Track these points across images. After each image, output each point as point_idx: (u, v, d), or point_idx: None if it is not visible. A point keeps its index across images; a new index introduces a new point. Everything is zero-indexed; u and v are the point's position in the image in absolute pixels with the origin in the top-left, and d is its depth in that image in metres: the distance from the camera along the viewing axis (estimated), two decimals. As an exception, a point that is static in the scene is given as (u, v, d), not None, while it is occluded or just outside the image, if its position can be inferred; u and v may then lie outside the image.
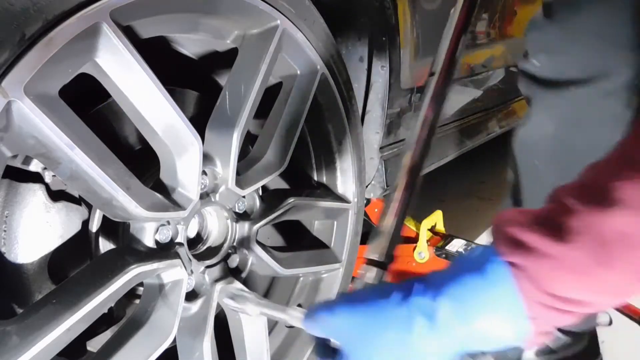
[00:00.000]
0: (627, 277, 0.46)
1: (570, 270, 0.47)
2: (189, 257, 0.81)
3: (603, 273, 0.46)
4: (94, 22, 0.60)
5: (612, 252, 0.45)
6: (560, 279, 0.48)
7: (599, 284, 0.47)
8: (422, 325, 0.53)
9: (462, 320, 0.52)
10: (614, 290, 0.48)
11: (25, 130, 0.57)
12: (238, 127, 0.83)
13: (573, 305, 0.48)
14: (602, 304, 0.51)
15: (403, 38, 1.22)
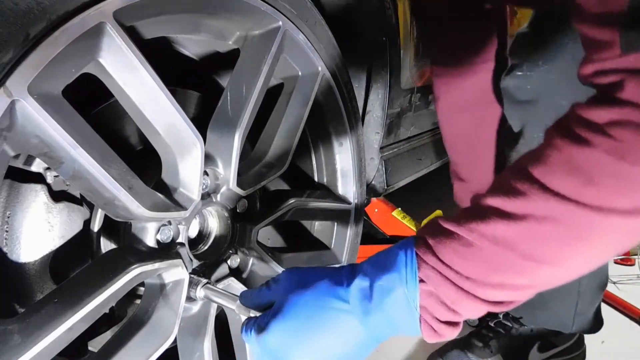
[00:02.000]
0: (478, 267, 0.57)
1: (453, 248, 0.58)
2: (190, 257, 0.81)
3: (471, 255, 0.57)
4: (98, 23, 0.60)
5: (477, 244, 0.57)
6: (447, 248, 0.58)
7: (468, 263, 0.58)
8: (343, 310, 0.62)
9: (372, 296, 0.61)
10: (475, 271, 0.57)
11: (28, 130, 0.57)
12: (239, 127, 0.83)
13: (452, 274, 0.58)
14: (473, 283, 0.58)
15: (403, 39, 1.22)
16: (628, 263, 2.07)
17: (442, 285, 0.59)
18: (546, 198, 0.53)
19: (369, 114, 1.26)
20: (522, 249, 0.55)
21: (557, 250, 0.55)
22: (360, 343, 0.64)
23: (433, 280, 0.59)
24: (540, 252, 0.55)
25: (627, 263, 2.07)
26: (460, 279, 0.58)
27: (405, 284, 0.60)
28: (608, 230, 0.53)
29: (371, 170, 1.29)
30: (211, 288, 0.80)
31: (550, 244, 0.54)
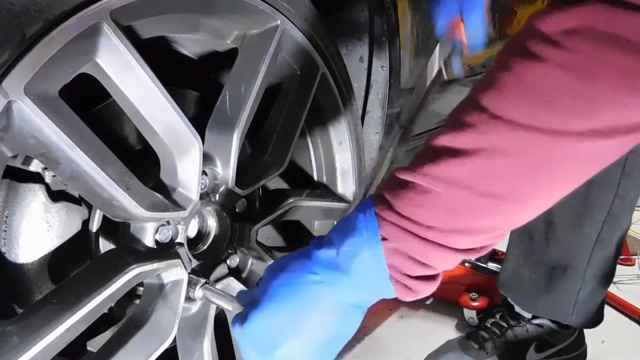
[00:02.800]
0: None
1: (409, 198, 0.54)
2: (189, 257, 0.81)
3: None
4: (94, 22, 0.60)
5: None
6: (403, 200, 0.55)
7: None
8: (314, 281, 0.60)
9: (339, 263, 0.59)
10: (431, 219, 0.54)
11: (25, 130, 0.57)
12: (238, 127, 0.83)
13: (412, 226, 0.54)
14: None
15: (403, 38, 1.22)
16: (628, 263, 2.07)
17: (405, 240, 0.55)
18: (496, 127, 0.48)
19: (369, 114, 1.26)
20: (478, 187, 0.50)
21: (515, 185, 0.50)
22: (341, 314, 0.61)
23: (395, 237, 0.56)
24: (498, 188, 0.50)
25: (627, 263, 2.07)
26: (421, 229, 0.54)
27: (369, 245, 0.56)
28: (566, 157, 0.48)
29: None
30: (210, 288, 0.80)
31: (506, 178, 0.50)
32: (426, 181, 0.53)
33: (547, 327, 1.38)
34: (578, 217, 1.23)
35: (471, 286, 1.65)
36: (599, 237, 1.24)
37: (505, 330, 1.40)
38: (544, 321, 1.39)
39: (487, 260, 1.71)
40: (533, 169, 0.49)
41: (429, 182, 0.53)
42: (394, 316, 1.67)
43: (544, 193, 0.52)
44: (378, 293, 0.60)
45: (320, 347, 0.62)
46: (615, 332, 1.60)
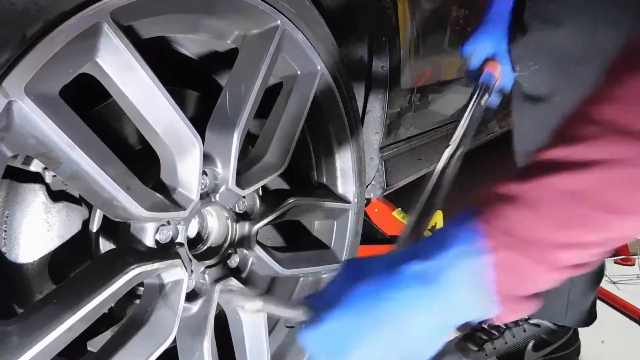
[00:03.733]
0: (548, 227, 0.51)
1: (515, 212, 0.52)
2: (189, 257, 0.81)
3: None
4: (95, 22, 0.60)
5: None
6: (508, 213, 0.52)
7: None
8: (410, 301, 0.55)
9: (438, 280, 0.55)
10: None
11: (26, 130, 0.57)
12: (238, 127, 0.83)
13: (522, 243, 0.51)
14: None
15: (403, 38, 1.22)
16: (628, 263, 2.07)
17: (509, 256, 0.52)
18: (618, 138, 0.47)
19: (369, 114, 1.26)
20: (594, 199, 0.49)
21: (631, 196, 0.48)
22: (425, 332, 0.57)
23: (498, 251, 0.52)
24: (614, 200, 0.48)
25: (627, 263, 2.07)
26: (527, 245, 0.51)
27: (468, 258, 0.53)
28: None
29: (371, 170, 1.29)
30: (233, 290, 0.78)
31: (624, 189, 0.48)
32: (537, 193, 0.51)
33: (544, 327, 1.39)
34: None
35: (471, 286, 1.64)
36: None
37: (503, 331, 1.40)
38: (541, 320, 1.40)
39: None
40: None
41: (537, 195, 0.51)
42: (394, 316, 1.66)
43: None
44: (473, 310, 0.55)
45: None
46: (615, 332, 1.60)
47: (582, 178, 0.49)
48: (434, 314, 0.56)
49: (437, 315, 0.56)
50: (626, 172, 0.48)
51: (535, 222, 0.51)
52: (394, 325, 0.56)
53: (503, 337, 1.39)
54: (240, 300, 0.74)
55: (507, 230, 0.52)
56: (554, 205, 0.50)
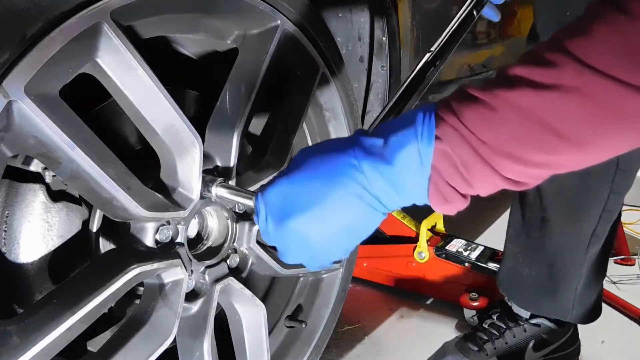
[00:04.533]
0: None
1: (475, 111, 0.55)
2: (189, 257, 0.81)
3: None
4: (95, 22, 0.60)
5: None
6: (469, 110, 0.55)
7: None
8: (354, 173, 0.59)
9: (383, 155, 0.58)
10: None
11: (25, 130, 0.57)
12: (238, 127, 0.83)
13: (470, 135, 0.54)
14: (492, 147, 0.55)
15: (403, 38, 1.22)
16: (628, 263, 2.07)
17: (458, 145, 0.55)
18: (580, 70, 0.49)
19: (369, 114, 1.26)
20: (545, 120, 0.51)
21: (582, 127, 0.50)
22: (365, 205, 0.60)
23: (450, 139, 0.55)
24: (563, 126, 0.51)
25: (627, 263, 2.07)
26: (477, 141, 0.54)
27: (420, 140, 0.56)
28: (637, 114, 0.48)
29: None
30: (226, 186, 0.78)
31: (575, 119, 0.50)
32: (496, 102, 0.53)
33: (545, 326, 1.39)
34: (574, 213, 1.23)
35: (471, 286, 1.65)
36: (595, 232, 1.24)
37: (504, 331, 1.40)
38: (541, 320, 1.39)
39: (487, 260, 1.71)
40: (605, 118, 0.50)
41: (499, 103, 0.53)
42: (394, 316, 1.67)
43: (605, 143, 0.52)
44: (409, 194, 0.59)
45: (334, 230, 0.62)
46: (615, 332, 1.60)
47: (538, 98, 0.51)
48: (376, 188, 0.59)
49: (378, 189, 0.59)
50: (580, 102, 0.49)
51: (490, 125, 0.54)
52: (336, 190, 0.59)
53: (503, 337, 1.39)
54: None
55: (459, 124, 0.55)
56: (508, 116, 0.53)
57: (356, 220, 0.62)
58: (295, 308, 1.18)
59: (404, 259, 1.76)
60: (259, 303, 0.93)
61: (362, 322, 1.62)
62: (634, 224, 2.38)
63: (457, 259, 1.71)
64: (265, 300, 1.11)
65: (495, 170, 0.55)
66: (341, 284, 1.19)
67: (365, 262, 1.83)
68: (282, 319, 1.16)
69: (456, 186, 0.57)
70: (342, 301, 1.22)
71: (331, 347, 1.47)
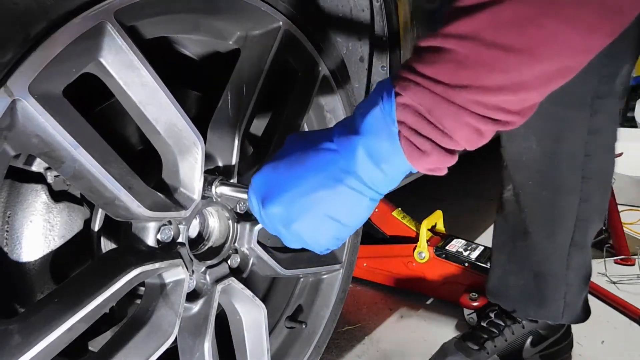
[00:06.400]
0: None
1: (424, 58, 0.55)
2: (190, 257, 0.81)
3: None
4: (98, 22, 0.60)
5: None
6: (419, 60, 0.55)
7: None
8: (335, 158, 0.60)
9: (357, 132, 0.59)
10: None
11: (29, 129, 0.57)
12: (239, 127, 0.83)
13: (423, 80, 0.54)
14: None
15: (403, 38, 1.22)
16: (628, 263, 2.07)
17: (415, 93, 0.55)
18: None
19: (369, 113, 1.26)
20: (485, 37, 0.50)
21: (521, 33, 0.50)
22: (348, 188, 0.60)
23: (407, 90, 0.55)
24: (504, 37, 0.50)
25: (627, 263, 2.07)
26: (433, 83, 0.54)
27: (382, 102, 0.57)
28: (575, 4, 0.48)
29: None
30: (226, 183, 0.80)
31: (513, 27, 0.49)
32: (439, 41, 0.53)
33: (542, 322, 1.40)
34: (549, 226, 1.24)
35: (471, 286, 1.65)
36: (573, 242, 1.24)
37: (503, 328, 1.40)
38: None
39: (487, 260, 1.71)
40: (540, 15, 0.49)
41: (442, 40, 0.53)
42: (394, 316, 1.67)
43: (552, 43, 0.50)
44: (389, 163, 0.58)
45: (318, 215, 0.61)
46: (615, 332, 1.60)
47: (474, 20, 0.51)
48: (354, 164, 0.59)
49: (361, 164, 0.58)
50: (514, 10, 0.49)
51: (438, 64, 0.53)
52: (317, 172, 0.60)
53: (503, 334, 1.40)
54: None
55: (414, 75, 0.55)
56: (451, 48, 0.52)
57: (340, 205, 0.61)
58: (296, 308, 1.18)
59: (404, 259, 1.77)
60: (259, 303, 0.93)
61: (362, 322, 1.62)
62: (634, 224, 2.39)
63: (457, 259, 1.71)
64: (265, 301, 1.11)
65: (459, 105, 0.54)
66: (341, 284, 1.19)
67: (365, 262, 1.83)
68: (283, 320, 1.16)
69: (430, 136, 0.56)
70: (342, 301, 1.22)
71: (331, 347, 1.47)
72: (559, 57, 0.51)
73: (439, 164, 0.58)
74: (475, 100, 0.53)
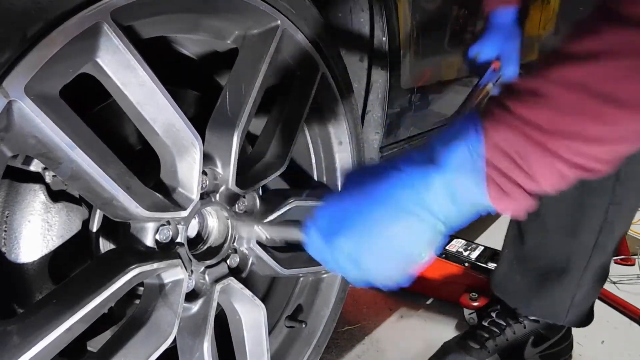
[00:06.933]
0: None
1: (520, 99, 0.53)
2: (189, 257, 0.81)
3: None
4: (95, 22, 0.60)
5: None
6: (514, 100, 0.53)
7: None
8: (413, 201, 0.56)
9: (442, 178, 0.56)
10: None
11: (26, 130, 0.57)
12: (238, 127, 0.83)
13: (518, 122, 0.52)
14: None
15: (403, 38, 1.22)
16: (628, 263, 2.07)
17: (510, 134, 0.53)
18: (620, 30, 0.47)
19: (369, 114, 1.26)
20: (591, 88, 0.49)
21: (629, 89, 0.48)
22: (420, 219, 0.57)
23: (499, 130, 0.53)
24: (611, 90, 0.49)
25: (627, 263, 2.07)
26: (528, 127, 0.52)
27: (469, 137, 0.54)
28: None
29: (371, 170, 1.29)
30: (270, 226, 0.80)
31: (621, 80, 0.48)
32: (543, 83, 0.52)
33: (543, 322, 1.40)
34: (573, 224, 1.23)
35: (471, 286, 1.65)
36: (597, 243, 1.24)
37: (504, 328, 1.40)
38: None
39: (487, 260, 1.71)
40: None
41: (543, 84, 0.52)
42: (394, 316, 1.67)
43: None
44: (467, 199, 0.56)
45: (387, 249, 0.58)
46: (615, 332, 1.60)
47: (583, 68, 0.49)
48: (427, 198, 0.56)
49: (436, 197, 0.56)
50: (622, 63, 0.48)
51: (536, 108, 0.52)
52: (381, 204, 0.57)
53: (504, 333, 1.40)
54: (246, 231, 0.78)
55: (507, 115, 0.53)
56: (555, 93, 0.51)
57: (410, 237, 0.58)
58: (296, 308, 1.18)
59: (403, 259, 1.76)
60: (259, 303, 0.93)
61: (362, 322, 1.62)
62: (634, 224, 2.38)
63: (457, 259, 1.71)
64: (265, 301, 1.11)
65: (553, 152, 0.52)
66: (341, 284, 1.19)
67: (365, 262, 1.82)
68: (282, 319, 1.16)
69: (517, 179, 0.54)
70: (342, 301, 1.22)
71: (331, 347, 1.47)
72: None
73: (520, 206, 0.56)
74: (572, 148, 0.52)
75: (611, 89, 0.49)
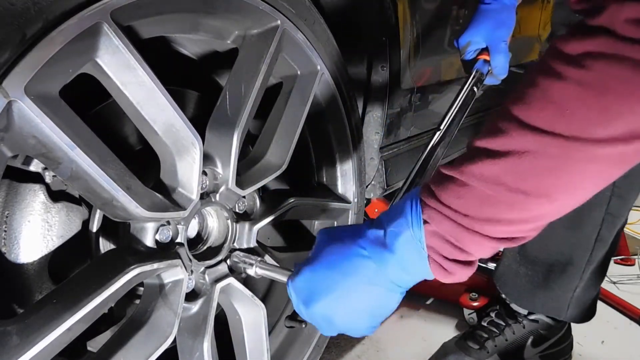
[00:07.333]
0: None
1: (450, 189, 0.63)
2: (189, 257, 0.81)
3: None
4: (95, 22, 0.60)
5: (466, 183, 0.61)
6: (445, 190, 0.63)
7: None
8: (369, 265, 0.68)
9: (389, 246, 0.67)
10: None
11: (25, 130, 0.57)
12: (238, 127, 0.83)
13: (451, 212, 0.62)
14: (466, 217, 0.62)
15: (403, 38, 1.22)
16: (628, 263, 2.07)
17: (443, 224, 0.63)
18: (524, 133, 0.56)
19: (369, 114, 1.26)
20: (507, 183, 0.58)
21: (540, 183, 0.57)
22: (382, 289, 0.68)
23: (435, 220, 0.64)
24: (525, 185, 0.57)
25: (627, 263, 2.07)
26: (458, 216, 0.62)
27: (412, 227, 0.65)
28: (587, 160, 0.55)
29: (371, 170, 1.29)
30: (264, 267, 0.86)
31: (532, 176, 0.57)
32: (464, 177, 0.61)
33: (543, 322, 1.39)
34: (576, 218, 1.24)
35: (471, 286, 1.65)
36: (599, 237, 1.25)
37: (503, 328, 1.40)
38: (540, 316, 1.40)
39: (487, 260, 1.71)
40: (556, 169, 0.56)
41: (467, 177, 0.60)
42: (394, 316, 1.67)
43: (568, 191, 0.58)
44: (417, 273, 0.67)
45: (355, 312, 0.70)
46: (615, 332, 1.60)
47: (496, 166, 0.58)
48: (385, 272, 0.67)
49: (388, 273, 0.67)
50: (531, 161, 0.56)
51: (463, 199, 0.61)
52: (352, 278, 0.68)
53: (503, 334, 1.40)
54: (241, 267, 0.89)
55: (440, 205, 0.63)
56: (476, 186, 0.60)
57: (374, 302, 0.70)
58: (295, 308, 1.18)
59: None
60: (259, 303, 0.93)
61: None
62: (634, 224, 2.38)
63: (457, 259, 1.71)
64: (265, 300, 1.11)
65: (483, 235, 0.62)
66: (341, 284, 1.19)
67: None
68: (282, 319, 1.16)
69: (456, 258, 0.64)
70: (342, 301, 1.22)
71: (331, 347, 1.47)
72: (574, 197, 0.59)
73: (462, 276, 0.67)
74: (497, 229, 0.61)
75: (522, 183, 0.57)
